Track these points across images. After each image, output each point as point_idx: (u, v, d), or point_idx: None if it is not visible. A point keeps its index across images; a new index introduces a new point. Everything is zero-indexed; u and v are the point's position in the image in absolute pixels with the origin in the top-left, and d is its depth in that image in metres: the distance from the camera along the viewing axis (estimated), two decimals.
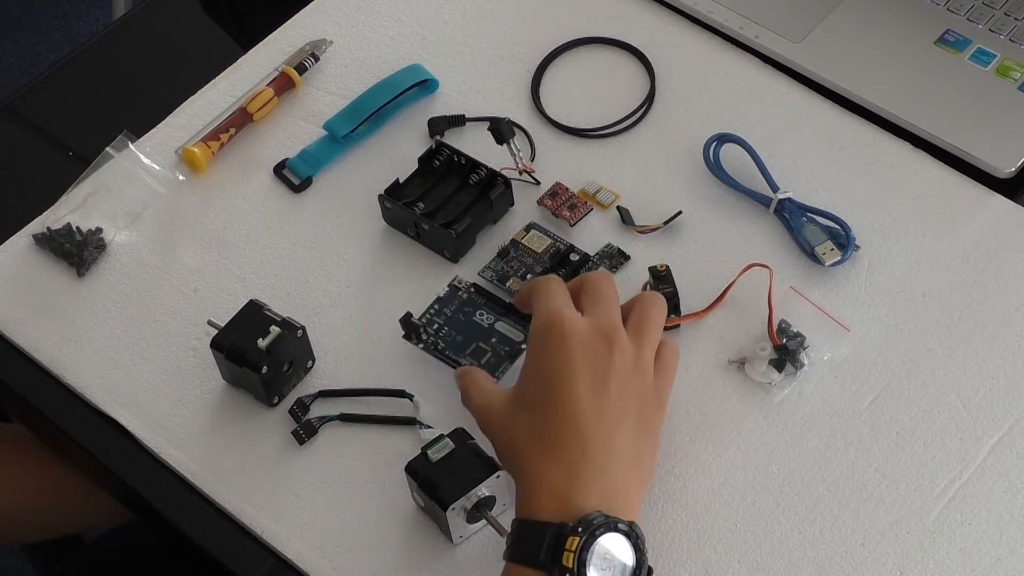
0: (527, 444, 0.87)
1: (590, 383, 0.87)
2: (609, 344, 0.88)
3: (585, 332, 0.89)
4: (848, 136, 1.08)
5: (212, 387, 1.00)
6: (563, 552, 0.81)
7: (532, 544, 0.83)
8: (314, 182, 1.09)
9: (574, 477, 0.85)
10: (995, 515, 0.90)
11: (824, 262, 1.01)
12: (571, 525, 0.82)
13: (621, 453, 0.86)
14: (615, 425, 0.87)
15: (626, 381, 0.88)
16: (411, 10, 1.19)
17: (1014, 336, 0.98)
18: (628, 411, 0.88)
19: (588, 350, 0.88)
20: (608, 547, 0.82)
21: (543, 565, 0.82)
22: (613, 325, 0.89)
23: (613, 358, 0.88)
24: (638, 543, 0.83)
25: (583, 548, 0.81)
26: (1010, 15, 1.12)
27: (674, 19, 1.16)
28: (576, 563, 0.81)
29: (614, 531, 0.82)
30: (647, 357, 0.90)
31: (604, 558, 0.82)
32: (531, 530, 0.83)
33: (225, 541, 0.94)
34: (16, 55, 2.33)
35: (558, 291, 0.92)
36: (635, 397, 0.88)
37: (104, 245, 1.07)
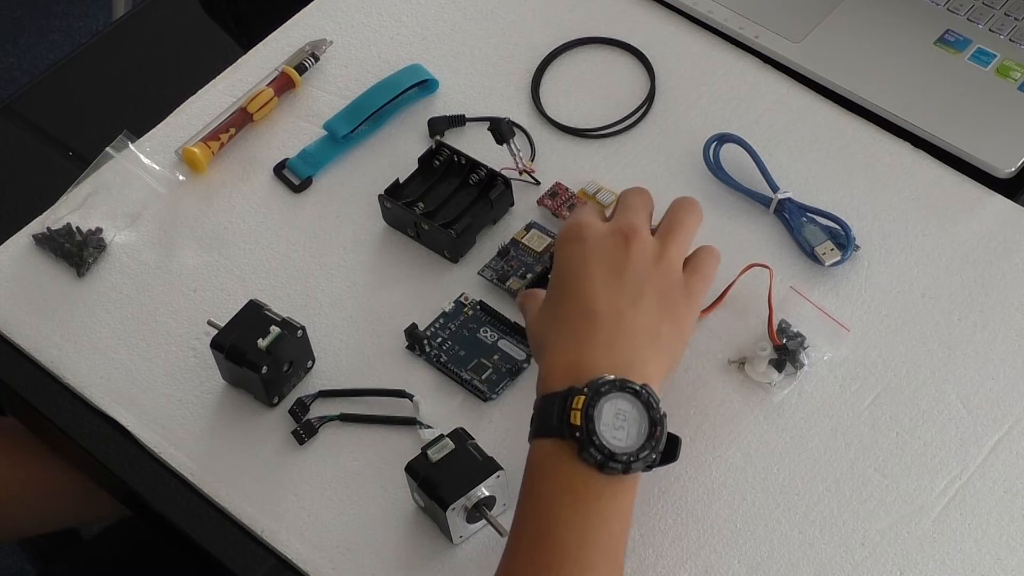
0: (547, 331, 0.89)
1: (604, 271, 0.89)
2: (626, 240, 0.90)
3: (603, 231, 0.91)
4: (848, 136, 1.08)
5: (212, 387, 1.00)
6: (570, 411, 0.82)
7: (547, 415, 0.84)
8: (314, 182, 1.09)
9: (584, 348, 0.86)
10: (995, 515, 0.90)
11: (824, 262, 1.01)
12: (578, 387, 0.83)
13: (635, 328, 0.87)
14: (628, 303, 0.88)
15: (643, 271, 0.89)
16: (411, 10, 1.19)
17: (1014, 336, 0.98)
18: (644, 296, 0.88)
19: (604, 245, 0.90)
20: (618, 408, 0.83)
21: (556, 430, 0.83)
22: (632, 225, 0.91)
23: (630, 252, 0.90)
24: (650, 402, 0.84)
25: (589, 405, 0.82)
26: (1010, 15, 1.12)
27: (674, 19, 1.16)
28: (583, 419, 0.81)
29: (622, 391, 0.83)
30: (672, 254, 0.91)
31: (616, 416, 0.82)
32: (545, 403, 0.85)
33: (225, 541, 0.94)
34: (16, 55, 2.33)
35: (589, 207, 0.95)
36: (653, 284, 0.89)
37: (104, 245, 1.07)
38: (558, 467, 0.83)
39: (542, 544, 0.82)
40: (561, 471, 0.83)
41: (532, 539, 0.83)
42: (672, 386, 0.97)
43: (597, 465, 0.82)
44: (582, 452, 0.82)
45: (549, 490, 0.83)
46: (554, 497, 0.83)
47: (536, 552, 0.82)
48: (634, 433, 0.83)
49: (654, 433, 0.83)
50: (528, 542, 0.83)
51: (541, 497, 0.83)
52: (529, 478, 0.85)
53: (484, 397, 0.97)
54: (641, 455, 0.83)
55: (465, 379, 0.97)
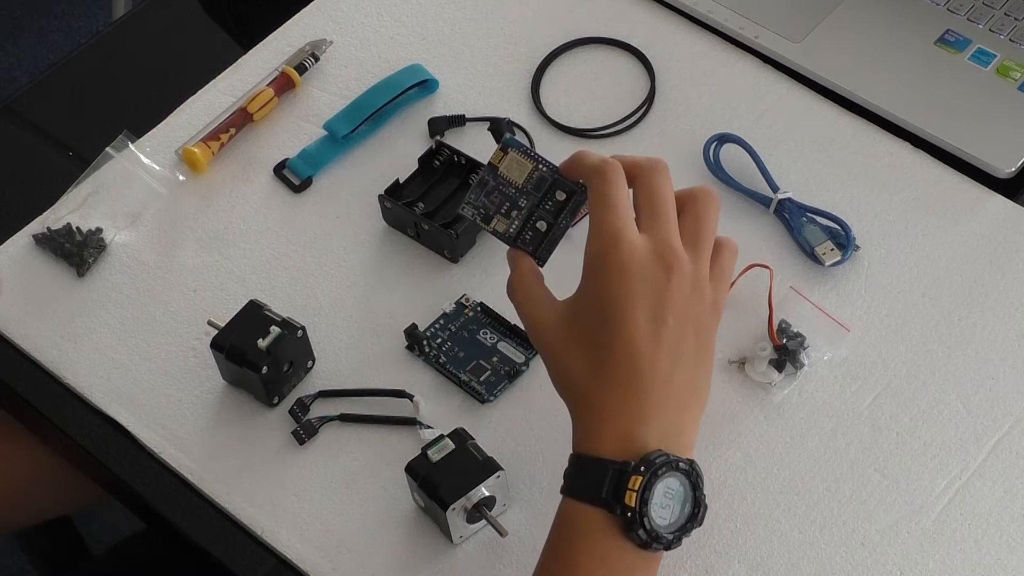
0: (583, 375, 0.84)
1: (649, 316, 0.84)
2: (668, 270, 0.84)
3: (644, 258, 0.84)
4: (848, 136, 1.08)
5: (212, 387, 1.00)
6: (625, 491, 0.80)
7: (592, 481, 0.82)
8: (314, 182, 1.09)
9: (634, 414, 0.83)
10: (995, 515, 0.90)
11: (824, 262, 1.01)
12: (633, 464, 0.81)
13: (680, 387, 0.84)
14: (674, 359, 0.84)
15: (685, 308, 0.85)
16: (411, 10, 1.19)
17: (1014, 336, 0.98)
18: (686, 340, 0.85)
19: (647, 279, 0.84)
20: (668, 486, 0.82)
21: (604, 502, 0.81)
22: (672, 248, 0.85)
23: (671, 285, 0.84)
24: (697, 481, 0.83)
25: (645, 487, 0.80)
26: (1010, 15, 1.12)
27: (674, 19, 1.16)
28: (639, 502, 0.80)
29: (675, 470, 0.82)
30: (705, 271, 0.86)
31: (665, 496, 0.82)
32: (591, 466, 0.82)
33: (225, 541, 0.94)
34: (16, 55, 2.33)
35: (619, 202, 0.86)
36: (693, 323, 0.85)
37: (104, 245, 1.07)
38: (599, 539, 0.81)
39: None
40: (602, 544, 0.81)
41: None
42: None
43: (642, 544, 0.81)
44: (629, 532, 0.81)
45: (585, 558, 0.82)
46: (589, 567, 0.81)
47: None
48: (678, 511, 0.82)
49: (696, 514, 0.83)
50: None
51: (576, 565, 0.82)
52: (563, 540, 0.83)
53: (482, 399, 0.97)
54: (683, 535, 0.82)
55: (464, 380, 0.97)
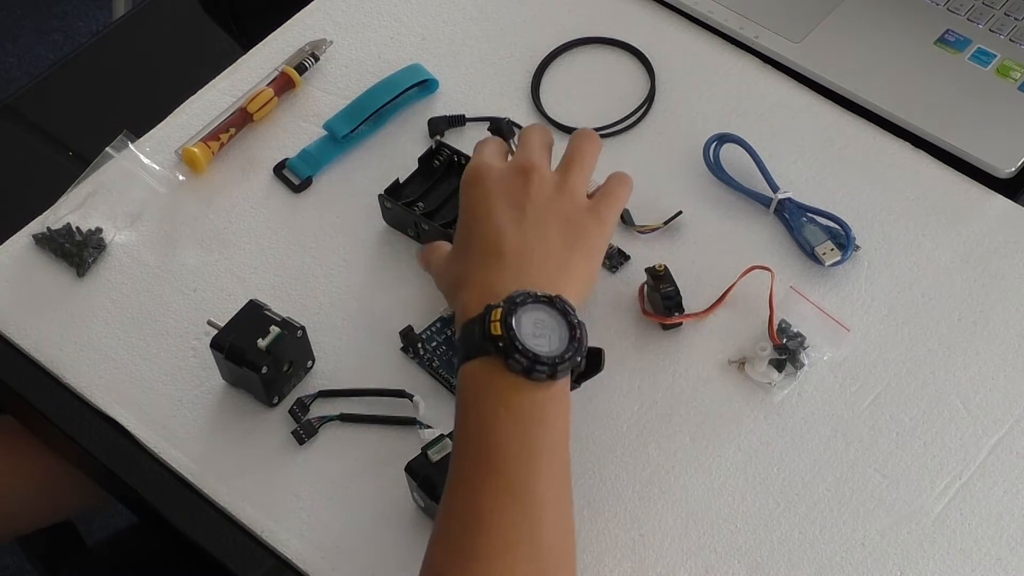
0: (458, 275, 0.91)
1: (507, 208, 0.91)
2: (525, 176, 0.93)
3: (501, 171, 0.94)
4: (848, 136, 1.08)
5: (212, 387, 1.00)
6: (490, 324, 0.83)
7: (468, 338, 0.85)
8: (314, 182, 1.09)
9: (496, 275, 0.88)
10: (995, 515, 0.90)
11: (824, 262, 1.01)
12: (494, 304, 0.85)
13: (544, 261, 0.89)
14: (534, 236, 0.90)
15: (546, 203, 0.92)
16: (411, 10, 1.19)
17: (1014, 336, 0.98)
18: (549, 226, 0.91)
19: (504, 184, 0.93)
20: (536, 317, 0.85)
21: (480, 348, 0.84)
22: (530, 161, 0.94)
23: (530, 187, 0.92)
24: (566, 308, 0.85)
25: (507, 314, 0.83)
26: (1010, 15, 1.12)
27: (674, 19, 1.16)
28: (504, 328, 0.83)
29: (537, 301, 0.85)
30: (574, 183, 0.94)
31: (535, 325, 0.84)
32: (465, 329, 0.86)
33: (225, 541, 0.94)
34: (16, 55, 2.33)
35: (487, 147, 0.97)
36: (558, 216, 0.91)
37: (104, 245, 1.07)
38: (489, 382, 0.84)
39: (487, 460, 0.83)
40: (492, 386, 0.84)
41: (476, 458, 0.83)
42: (672, 386, 0.97)
43: (524, 371, 0.83)
44: (508, 360, 0.83)
45: (484, 407, 0.84)
46: (490, 413, 0.84)
47: (482, 468, 0.82)
48: (555, 339, 0.85)
49: (574, 336, 0.85)
50: (472, 461, 0.83)
51: (477, 415, 0.84)
52: (462, 402, 0.85)
53: None
54: (566, 357, 0.84)
55: (455, 385, 0.97)
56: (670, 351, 0.99)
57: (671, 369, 0.98)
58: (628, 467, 0.94)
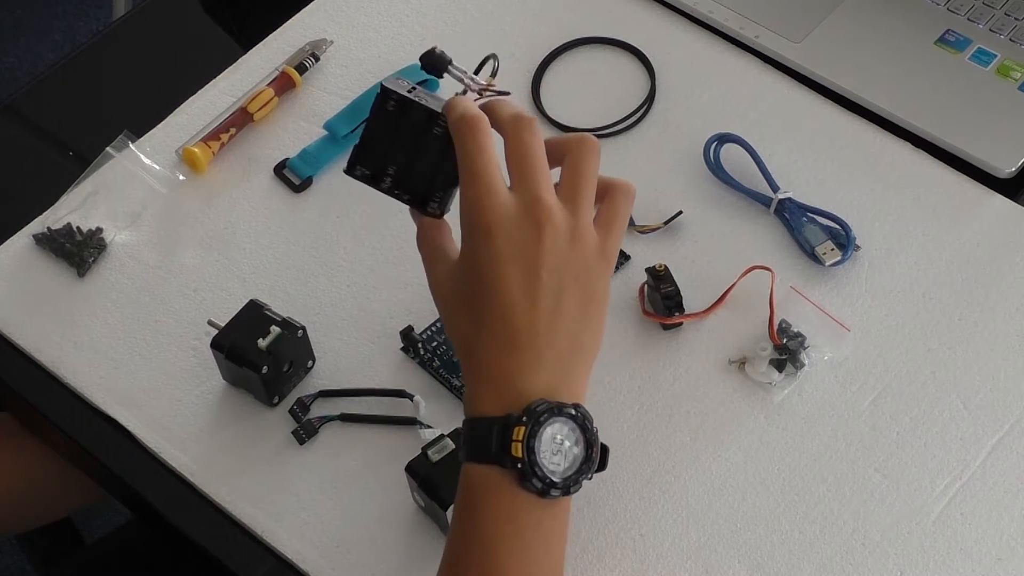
0: (467, 335, 0.84)
1: (521, 275, 0.82)
2: (538, 226, 0.82)
3: (511, 218, 0.83)
4: (848, 136, 1.08)
5: (212, 387, 1.00)
6: (511, 443, 0.80)
7: (482, 441, 0.82)
8: (314, 182, 1.09)
9: (514, 370, 0.82)
10: (995, 515, 0.90)
11: (824, 262, 1.01)
12: (515, 415, 0.80)
13: (560, 337, 0.83)
14: (553, 313, 0.83)
15: (561, 261, 0.83)
16: (411, 10, 1.19)
17: (1014, 336, 0.98)
18: (566, 293, 0.83)
19: (515, 238, 0.82)
20: (556, 432, 0.81)
21: (495, 458, 0.81)
22: (541, 202, 0.83)
23: (543, 241, 0.82)
24: (585, 423, 0.82)
25: (530, 436, 0.80)
26: (1010, 15, 1.12)
27: (674, 19, 1.16)
28: (525, 451, 0.80)
29: (559, 415, 0.81)
30: (584, 221, 0.84)
31: (553, 442, 0.81)
32: (479, 427, 0.82)
33: (225, 541, 0.94)
34: (16, 55, 2.33)
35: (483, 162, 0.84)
36: (572, 274, 0.83)
37: (104, 245, 1.07)
38: (498, 496, 0.81)
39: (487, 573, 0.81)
40: (501, 500, 0.81)
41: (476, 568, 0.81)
42: (672, 386, 0.97)
43: (539, 493, 0.81)
44: (524, 482, 0.80)
45: (489, 519, 0.81)
46: (495, 526, 0.81)
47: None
48: (571, 455, 0.82)
49: (590, 455, 0.82)
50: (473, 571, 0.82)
51: (482, 527, 0.82)
52: (466, 505, 0.83)
53: None
54: (580, 478, 0.82)
55: (455, 385, 0.97)
56: (670, 351, 0.99)
57: (671, 369, 0.98)
58: (628, 467, 0.94)
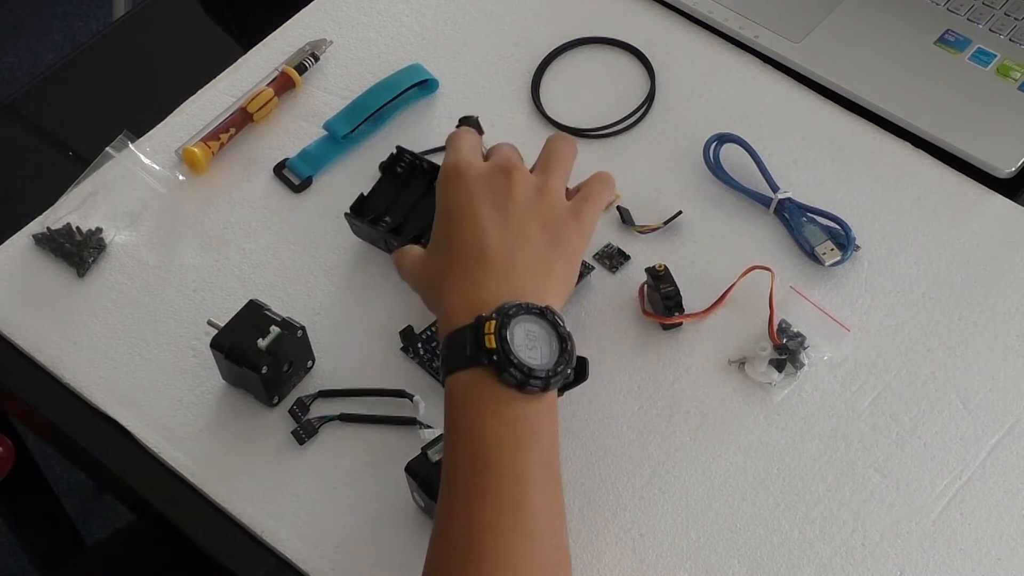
0: (439, 278, 0.90)
1: (489, 206, 0.90)
2: (507, 175, 0.92)
3: (481, 169, 0.93)
4: (848, 136, 1.08)
5: (212, 387, 1.00)
6: (484, 337, 0.83)
7: (457, 347, 0.85)
8: (314, 182, 1.09)
9: (482, 284, 0.87)
10: (995, 515, 0.91)
11: (824, 262, 1.01)
12: (485, 315, 0.85)
13: (528, 259, 0.89)
14: (518, 239, 0.89)
15: (528, 204, 0.91)
16: (411, 10, 1.19)
17: (1014, 336, 0.98)
18: (531, 226, 0.90)
19: (486, 183, 0.92)
20: (528, 330, 0.85)
21: (471, 359, 0.84)
22: (511, 160, 0.93)
23: (512, 186, 0.91)
24: (556, 320, 0.86)
25: (501, 327, 0.83)
26: (1010, 15, 1.12)
27: (674, 19, 1.16)
28: (498, 341, 0.83)
29: (528, 313, 0.85)
30: (554, 185, 0.93)
31: (527, 337, 0.84)
32: (454, 338, 0.86)
33: (225, 541, 0.94)
34: (16, 55, 2.33)
35: (464, 143, 0.95)
36: (538, 215, 0.91)
37: (104, 245, 1.07)
38: (481, 394, 0.84)
39: (482, 474, 0.82)
40: (484, 398, 0.84)
41: (470, 472, 0.83)
42: (672, 386, 0.97)
43: (518, 384, 0.83)
44: (502, 374, 0.83)
45: (476, 419, 0.84)
46: (482, 424, 0.83)
47: (478, 483, 0.82)
48: (547, 352, 0.85)
49: (565, 348, 0.85)
50: (467, 476, 0.83)
51: (470, 428, 0.84)
52: (453, 413, 0.85)
53: None
54: (557, 370, 0.85)
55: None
56: (670, 351, 0.99)
57: (671, 369, 0.98)
58: (628, 467, 0.94)
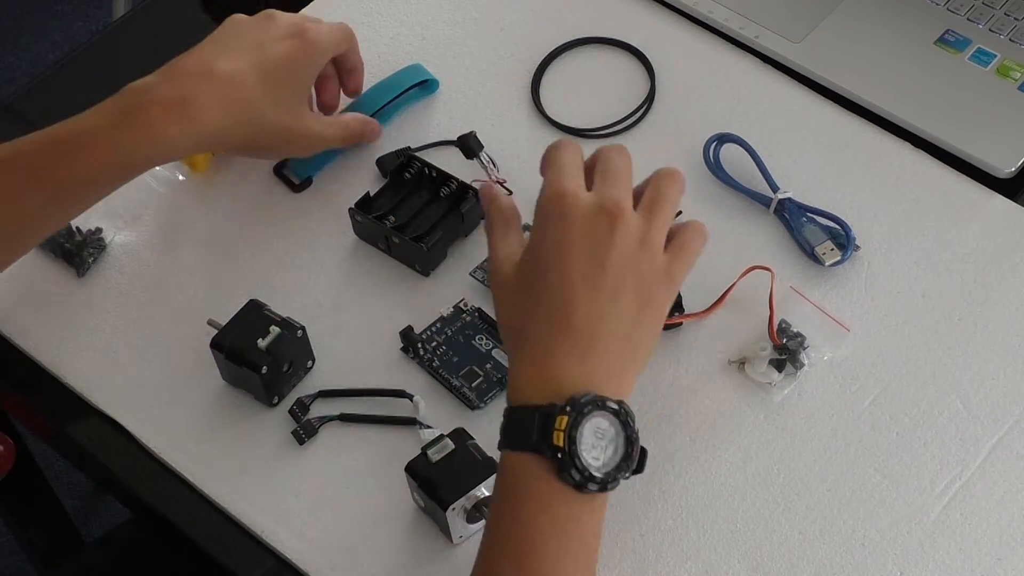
0: (518, 324, 0.86)
1: (586, 261, 0.85)
2: (611, 221, 0.86)
3: (587, 208, 0.86)
4: (848, 136, 1.08)
5: (212, 387, 1.00)
6: (553, 432, 0.80)
7: (523, 428, 0.82)
8: (314, 182, 1.09)
9: (562, 358, 0.83)
10: (995, 515, 0.91)
11: (824, 262, 1.01)
12: (559, 405, 0.81)
13: (614, 332, 0.84)
14: (608, 303, 0.84)
15: (627, 259, 0.86)
16: (411, 10, 1.19)
17: (1014, 336, 0.98)
18: (625, 288, 0.85)
19: (588, 228, 0.86)
20: (598, 425, 0.82)
21: (535, 447, 0.81)
22: (618, 202, 0.87)
23: (614, 236, 0.86)
24: (628, 421, 0.83)
25: (572, 426, 0.80)
26: (1010, 15, 1.12)
27: (674, 19, 1.16)
28: (567, 441, 0.80)
29: (602, 409, 0.82)
30: (656, 235, 0.87)
31: (595, 434, 0.82)
32: (521, 415, 0.83)
33: (225, 541, 0.94)
34: (16, 55, 2.33)
35: (568, 162, 0.89)
36: (635, 274, 0.86)
37: (104, 245, 1.07)
38: (536, 484, 0.81)
39: (523, 562, 0.81)
40: (539, 489, 0.81)
41: (512, 556, 0.82)
42: (672, 386, 0.97)
43: (576, 485, 0.81)
44: (562, 473, 0.81)
45: (527, 508, 0.82)
46: (532, 515, 0.81)
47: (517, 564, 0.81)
48: (611, 452, 0.82)
49: (630, 452, 0.83)
50: (509, 559, 0.82)
51: (519, 514, 0.82)
52: (505, 491, 0.83)
53: (472, 405, 0.96)
54: (618, 474, 0.82)
55: (455, 385, 0.97)
56: (670, 351, 0.99)
57: (671, 369, 0.98)
58: None
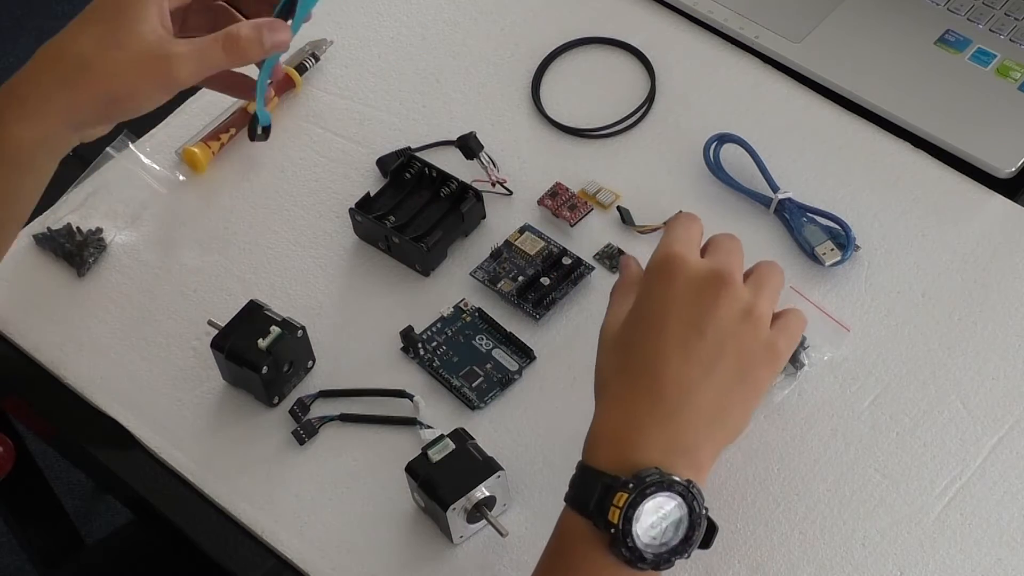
0: (605, 382, 0.84)
1: (685, 325, 0.82)
2: (719, 287, 0.83)
3: (696, 272, 0.84)
4: (848, 136, 1.08)
5: (212, 387, 1.00)
6: (610, 507, 0.78)
7: (585, 492, 0.80)
8: (314, 182, 1.09)
9: (639, 426, 0.81)
10: (995, 515, 0.90)
11: (824, 262, 1.01)
12: (623, 479, 0.79)
13: (703, 403, 0.81)
14: (700, 375, 0.81)
15: (730, 329, 0.82)
16: (411, 10, 1.19)
17: (1014, 336, 0.98)
18: (722, 361, 0.82)
19: (694, 291, 0.83)
20: (660, 506, 0.79)
21: (592, 515, 0.79)
22: (728, 271, 0.84)
23: (719, 303, 0.82)
24: (694, 505, 0.79)
25: (630, 505, 0.78)
26: (1010, 15, 1.12)
27: (674, 19, 1.16)
28: (622, 519, 0.78)
29: (667, 490, 0.79)
30: (764, 307, 0.84)
31: (657, 512, 0.79)
32: (587, 477, 0.81)
33: (225, 541, 0.94)
34: (16, 55, 2.33)
35: (685, 230, 0.87)
36: (737, 348, 0.82)
37: (104, 245, 1.07)
38: (587, 551, 0.80)
39: None
40: (589, 556, 0.80)
41: None
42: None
43: (627, 562, 0.79)
44: (613, 547, 0.79)
45: (575, 571, 0.81)
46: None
47: None
48: (671, 532, 0.80)
49: (691, 535, 0.80)
50: None
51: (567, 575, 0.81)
52: (557, 548, 0.82)
53: (472, 405, 0.96)
54: (673, 559, 0.80)
55: (455, 385, 0.97)
56: None
57: None
58: None
